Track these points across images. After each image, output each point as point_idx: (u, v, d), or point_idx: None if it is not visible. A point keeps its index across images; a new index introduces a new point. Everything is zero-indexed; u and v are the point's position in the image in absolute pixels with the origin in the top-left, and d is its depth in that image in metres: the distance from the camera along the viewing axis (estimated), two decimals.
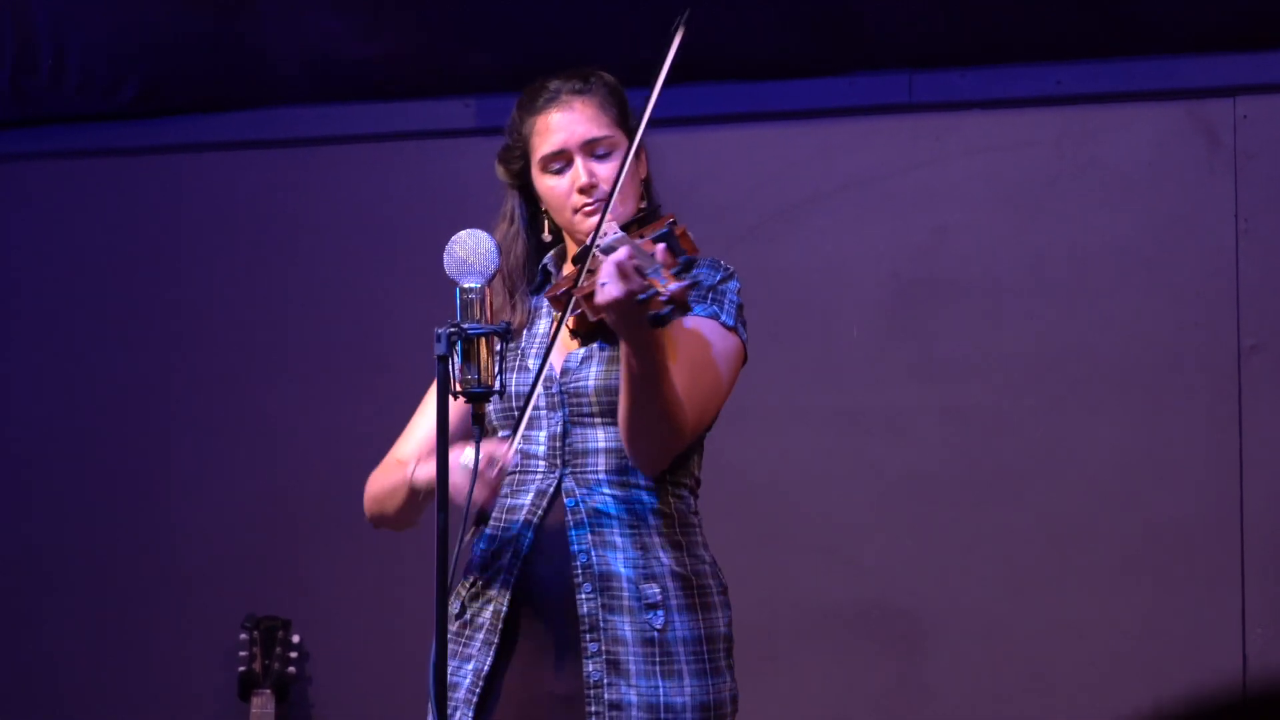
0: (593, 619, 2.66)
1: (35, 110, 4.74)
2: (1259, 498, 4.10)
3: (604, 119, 2.76)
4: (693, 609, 2.70)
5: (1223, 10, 4.09)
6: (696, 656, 2.69)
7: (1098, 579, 4.17)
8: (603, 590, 2.67)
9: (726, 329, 2.73)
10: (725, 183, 4.41)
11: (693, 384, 2.64)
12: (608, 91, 2.79)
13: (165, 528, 4.69)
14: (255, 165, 4.72)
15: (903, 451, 4.29)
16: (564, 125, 2.75)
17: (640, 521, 2.70)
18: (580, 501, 2.70)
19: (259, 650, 4.41)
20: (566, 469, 2.72)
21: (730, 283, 2.78)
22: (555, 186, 2.77)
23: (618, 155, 2.76)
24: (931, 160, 4.33)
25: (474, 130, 4.53)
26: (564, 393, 2.72)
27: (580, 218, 2.75)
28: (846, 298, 4.35)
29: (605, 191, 2.72)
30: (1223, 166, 4.17)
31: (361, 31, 4.46)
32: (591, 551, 2.68)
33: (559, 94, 2.78)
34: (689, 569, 2.71)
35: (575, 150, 2.75)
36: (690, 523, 2.75)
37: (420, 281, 4.12)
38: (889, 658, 4.27)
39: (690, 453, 2.76)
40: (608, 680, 2.65)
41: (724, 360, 2.72)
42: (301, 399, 4.62)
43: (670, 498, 2.73)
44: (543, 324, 2.80)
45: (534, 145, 2.79)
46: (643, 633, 2.66)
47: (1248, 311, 4.14)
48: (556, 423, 2.73)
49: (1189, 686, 4.09)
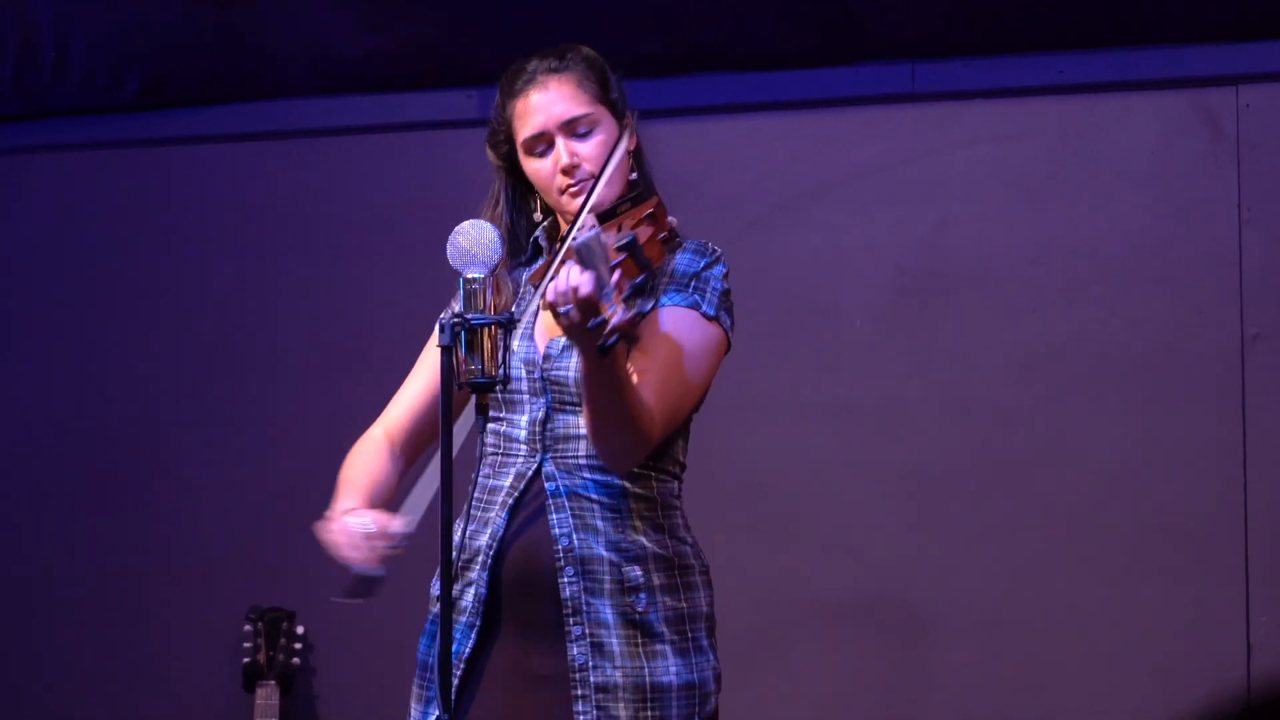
0: (575, 602, 2.66)
1: (38, 104, 4.75)
2: (1263, 488, 4.10)
3: (582, 96, 2.75)
4: (674, 589, 2.70)
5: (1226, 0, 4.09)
6: (680, 636, 2.70)
7: (1101, 571, 4.17)
8: (584, 574, 2.67)
9: (706, 319, 2.71)
10: (727, 174, 4.41)
11: (663, 384, 2.63)
12: (586, 67, 2.78)
13: (169, 520, 4.70)
14: (258, 158, 4.72)
15: (905, 444, 4.29)
16: (542, 107, 2.75)
17: (621, 505, 2.69)
18: (561, 486, 2.70)
19: (263, 642, 4.42)
20: (547, 454, 2.72)
21: (715, 269, 2.76)
22: (540, 169, 2.77)
23: (599, 131, 2.75)
24: (934, 150, 4.32)
25: (477, 121, 4.47)
26: (545, 379, 2.72)
27: (566, 198, 2.75)
28: (849, 289, 4.35)
29: (588, 171, 2.72)
30: (1225, 156, 4.17)
31: (364, 24, 4.46)
32: (573, 535, 2.68)
33: (535, 75, 2.77)
34: (670, 550, 2.72)
35: (555, 131, 2.74)
36: (672, 505, 2.75)
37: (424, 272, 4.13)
38: (891, 651, 4.27)
39: (674, 439, 2.75)
40: (593, 663, 2.65)
41: (701, 354, 2.71)
42: (306, 390, 4.62)
43: (653, 482, 2.73)
44: (530, 301, 2.79)
45: (516, 129, 2.79)
46: (625, 615, 2.67)
47: (1251, 301, 4.14)
48: (539, 408, 2.73)
49: (1193, 677, 4.09)
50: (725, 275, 2.77)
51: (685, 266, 2.75)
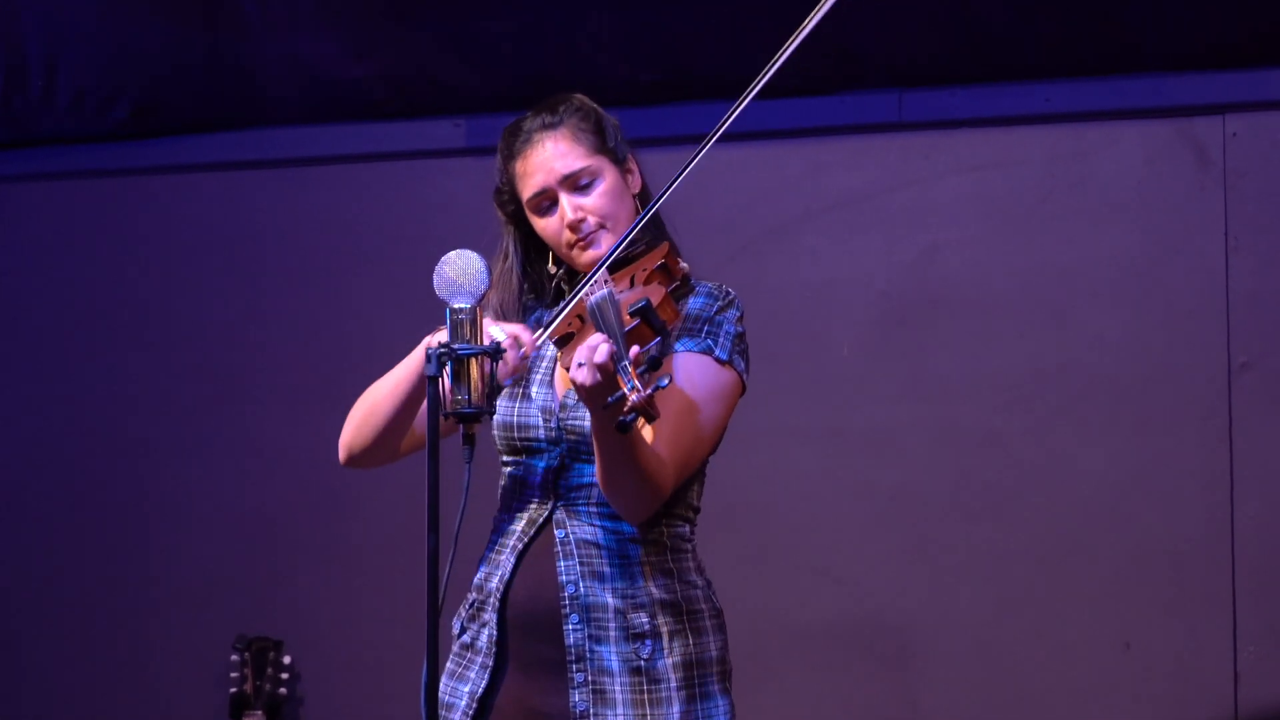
0: (579, 649, 2.66)
1: (25, 131, 4.74)
2: (1250, 516, 4.10)
3: (580, 149, 2.74)
4: (682, 635, 2.68)
5: (1212, 28, 4.10)
6: (686, 682, 2.67)
7: (1089, 596, 4.16)
8: (590, 621, 2.66)
9: (720, 363, 2.71)
10: (715, 201, 4.41)
11: (676, 434, 2.62)
12: (580, 119, 2.77)
13: (156, 548, 4.68)
14: (246, 186, 4.72)
15: (893, 469, 4.28)
16: (541, 165, 2.74)
17: (630, 551, 2.68)
18: (570, 532, 2.69)
19: (250, 671, 4.40)
20: (560, 501, 2.71)
21: (728, 312, 2.75)
22: (546, 226, 2.77)
23: (601, 181, 2.75)
24: (921, 179, 4.33)
25: (464, 150, 4.54)
26: (562, 428, 2.72)
27: (576, 252, 2.74)
28: (836, 316, 4.35)
29: (594, 224, 2.72)
30: (1212, 184, 4.18)
31: (351, 52, 4.46)
32: (580, 582, 2.67)
33: (531, 134, 2.76)
34: (679, 595, 2.70)
35: (557, 187, 2.73)
36: (682, 549, 2.73)
37: (411, 301, 4.12)
38: (880, 675, 4.26)
39: (689, 484, 2.74)
40: (594, 710, 2.64)
41: (713, 400, 2.70)
42: (293, 418, 4.61)
43: (663, 527, 2.72)
44: (549, 348, 2.78)
45: (519, 189, 2.78)
46: (629, 663, 2.65)
47: (1238, 329, 4.14)
48: (555, 457, 2.72)
49: (1181, 707, 4.08)
50: (739, 319, 2.77)
51: (698, 310, 2.74)
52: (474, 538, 2.67)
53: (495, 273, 2.75)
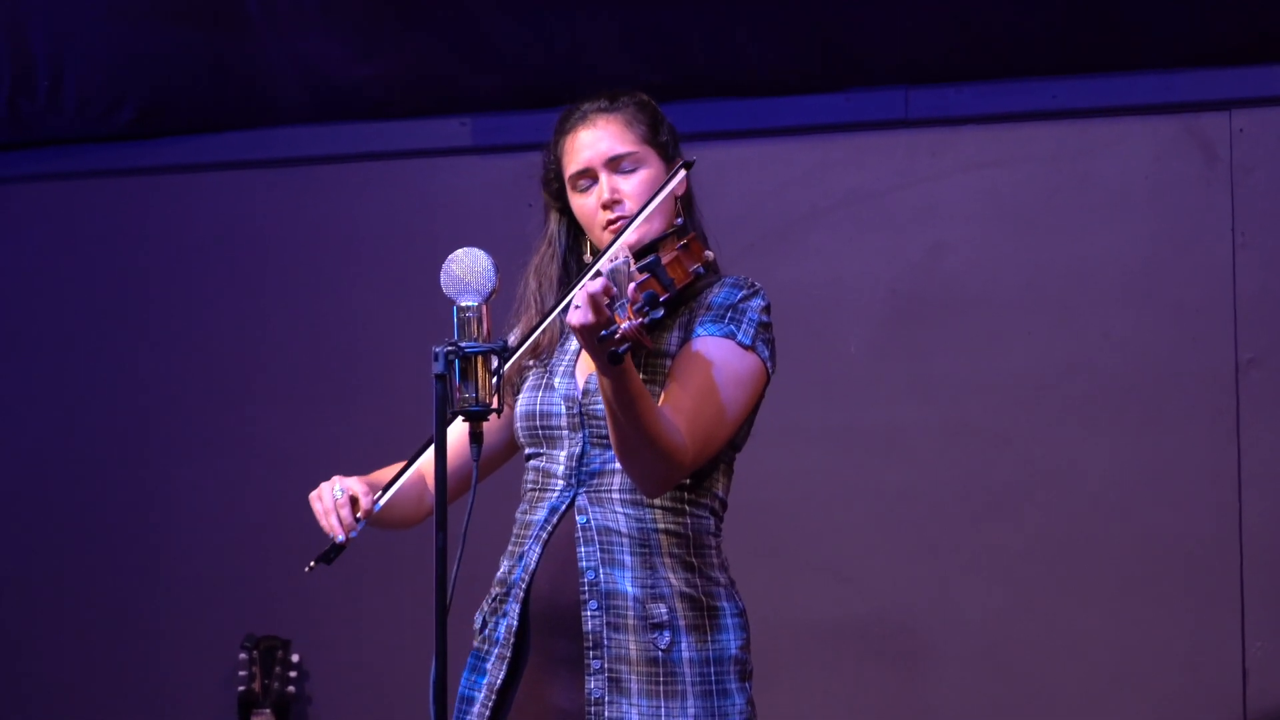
0: (596, 636, 2.66)
1: (32, 133, 4.75)
2: (1258, 513, 4.10)
3: (630, 135, 2.78)
4: (701, 630, 2.68)
5: (1218, 24, 4.10)
6: (703, 678, 2.67)
7: (1097, 595, 4.16)
8: (608, 608, 2.66)
9: (743, 348, 2.71)
10: (722, 199, 4.39)
11: (696, 411, 2.63)
12: (636, 108, 2.81)
13: (164, 548, 4.69)
14: (253, 185, 4.72)
15: (901, 468, 4.28)
16: (589, 143, 2.77)
17: (651, 540, 2.69)
18: (591, 519, 2.70)
19: (258, 670, 4.41)
20: (582, 488, 2.72)
21: (753, 300, 2.77)
22: (583, 204, 2.78)
23: (644, 170, 2.77)
24: (928, 176, 4.33)
25: (470, 149, 4.54)
26: (584, 414, 2.73)
27: (607, 234, 2.75)
28: (843, 314, 4.35)
29: (628, 207, 2.74)
30: (1219, 180, 4.17)
31: (358, 52, 4.47)
32: (600, 569, 2.67)
33: (586, 114, 2.80)
34: (700, 590, 2.70)
35: (600, 167, 2.76)
36: (705, 544, 2.73)
37: (418, 300, 4.13)
38: (889, 674, 4.26)
39: (712, 472, 2.75)
40: (609, 698, 2.64)
41: (735, 382, 2.70)
42: (301, 417, 4.62)
43: (686, 518, 2.71)
44: (573, 341, 2.80)
45: (564, 165, 2.81)
46: (646, 652, 2.65)
47: (1245, 325, 4.14)
48: (577, 443, 2.73)
49: (1189, 703, 4.08)
50: (765, 309, 2.78)
51: (723, 299, 2.76)
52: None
53: (535, 259, 2.80)
